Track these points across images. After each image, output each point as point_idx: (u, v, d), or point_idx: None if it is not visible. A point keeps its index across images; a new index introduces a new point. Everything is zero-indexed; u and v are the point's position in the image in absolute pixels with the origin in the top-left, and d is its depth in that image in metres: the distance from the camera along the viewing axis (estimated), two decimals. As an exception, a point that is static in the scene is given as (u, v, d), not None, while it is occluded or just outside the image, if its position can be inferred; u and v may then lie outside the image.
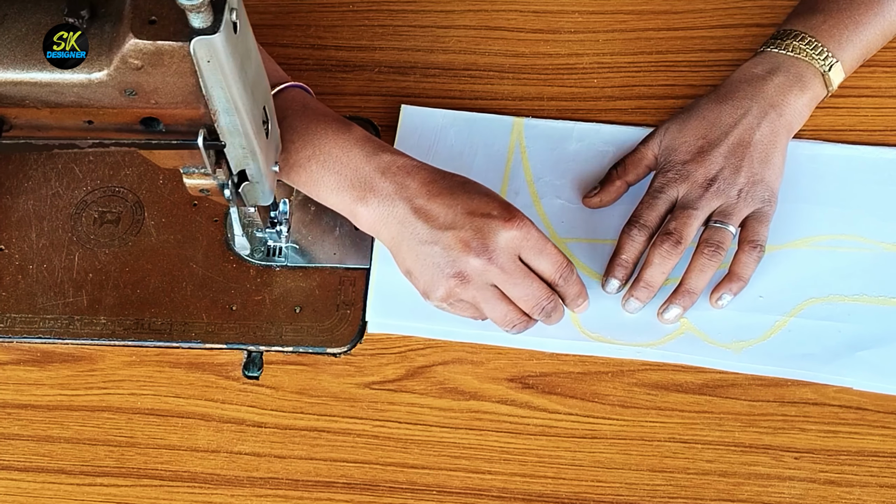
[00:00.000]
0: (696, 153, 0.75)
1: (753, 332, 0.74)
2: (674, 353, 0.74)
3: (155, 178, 0.83)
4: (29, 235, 0.81)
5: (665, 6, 0.88)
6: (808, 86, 0.76)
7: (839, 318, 0.74)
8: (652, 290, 0.73)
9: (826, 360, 0.72)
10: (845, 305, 0.74)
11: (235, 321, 0.77)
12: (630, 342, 0.74)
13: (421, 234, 0.68)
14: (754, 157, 0.74)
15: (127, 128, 0.59)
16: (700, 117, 0.76)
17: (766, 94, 0.76)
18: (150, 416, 0.74)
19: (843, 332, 0.73)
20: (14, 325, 0.77)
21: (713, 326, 0.74)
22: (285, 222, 0.78)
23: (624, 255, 0.74)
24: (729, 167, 0.74)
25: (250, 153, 0.63)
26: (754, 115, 0.75)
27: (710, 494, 0.70)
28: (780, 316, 0.74)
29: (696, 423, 0.72)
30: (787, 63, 0.77)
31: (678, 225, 0.72)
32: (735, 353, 0.73)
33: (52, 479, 0.73)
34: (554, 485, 0.71)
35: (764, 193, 0.74)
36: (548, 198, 0.80)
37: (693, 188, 0.73)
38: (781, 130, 0.75)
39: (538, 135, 0.82)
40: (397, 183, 0.69)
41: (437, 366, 0.75)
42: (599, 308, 0.75)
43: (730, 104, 0.76)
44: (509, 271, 0.67)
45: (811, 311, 0.74)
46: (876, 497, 0.69)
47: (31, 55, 0.55)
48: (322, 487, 0.71)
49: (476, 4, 0.89)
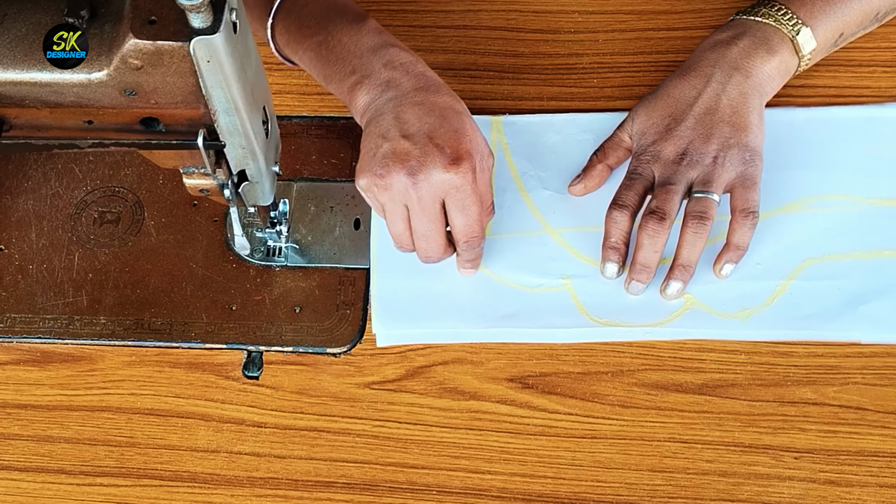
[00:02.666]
0: (665, 131, 0.75)
1: (756, 298, 0.74)
2: (683, 329, 0.74)
3: (155, 178, 0.83)
4: (29, 235, 0.81)
5: (665, 6, 0.88)
6: (776, 50, 0.76)
7: (837, 275, 0.75)
8: (649, 271, 0.74)
9: (830, 318, 0.73)
10: (841, 263, 0.75)
11: (235, 321, 0.77)
12: (639, 323, 0.75)
13: (384, 127, 0.69)
14: (723, 120, 0.74)
15: (127, 128, 0.59)
16: (665, 96, 0.76)
17: (728, 59, 0.75)
18: (149, 416, 0.74)
19: (843, 289, 0.74)
20: (14, 325, 0.77)
21: (717, 298, 0.75)
22: (285, 222, 0.78)
23: (612, 238, 0.75)
24: (698, 137, 0.74)
25: (250, 153, 0.63)
26: (717, 81, 0.75)
27: (709, 494, 0.70)
28: (779, 280, 0.75)
29: (695, 423, 0.72)
30: (753, 28, 0.77)
31: (659, 202, 0.73)
32: (742, 322, 0.74)
33: (52, 479, 0.73)
34: (554, 485, 0.71)
35: (743, 154, 0.73)
36: (535, 191, 0.80)
37: (667, 166, 0.74)
38: (750, 91, 0.75)
39: (518, 131, 0.83)
40: (394, 77, 0.70)
41: (436, 366, 0.75)
42: (604, 293, 0.76)
43: (692, 76, 0.76)
44: (424, 207, 0.69)
45: (809, 273, 0.75)
46: (876, 497, 0.69)
47: (31, 55, 0.55)
48: (322, 487, 0.71)
49: (476, 4, 0.89)
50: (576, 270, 0.77)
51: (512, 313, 0.75)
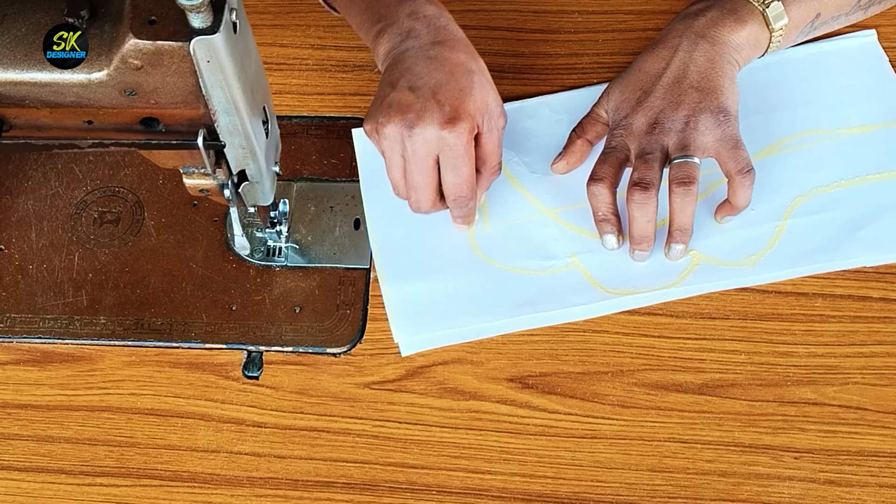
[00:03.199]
0: (636, 104, 0.75)
1: (759, 243, 0.76)
2: (696, 285, 0.75)
3: (155, 178, 0.83)
4: (29, 235, 0.81)
5: (665, 6, 0.88)
6: (745, 21, 0.76)
7: (829, 207, 0.77)
8: (648, 239, 0.74)
9: (832, 249, 0.75)
10: (829, 194, 0.77)
11: (235, 321, 0.77)
12: (653, 287, 0.75)
13: (395, 76, 0.70)
14: (692, 86, 0.74)
15: (127, 128, 0.59)
16: (636, 70, 0.77)
17: (695, 28, 0.76)
18: (149, 416, 0.74)
19: (837, 218, 0.76)
20: (14, 325, 0.77)
21: (722, 249, 0.76)
22: (285, 222, 0.78)
23: (599, 212, 0.75)
24: (668, 106, 0.74)
25: (250, 153, 0.63)
26: (684, 50, 0.75)
27: (709, 494, 0.70)
28: (776, 221, 0.77)
29: (695, 423, 0.72)
30: (722, 0, 0.77)
31: (640, 172, 0.73)
32: (751, 269, 0.75)
33: (52, 479, 0.73)
34: (554, 485, 0.71)
35: (716, 116, 0.73)
36: (523, 176, 0.81)
37: (640, 137, 0.74)
38: (719, 58, 0.75)
39: None
40: (414, 28, 0.72)
41: (436, 366, 0.75)
42: (612, 264, 0.76)
43: (660, 48, 0.77)
44: (417, 160, 0.70)
45: (802, 209, 0.77)
46: (876, 497, 0.69)
47: (31, 55, 0.55)
48: (322, 487, 0.71)
49: (476, 4, 0.89)
50: (581, 246, 0.77)
51: (528, 300, 0.76)
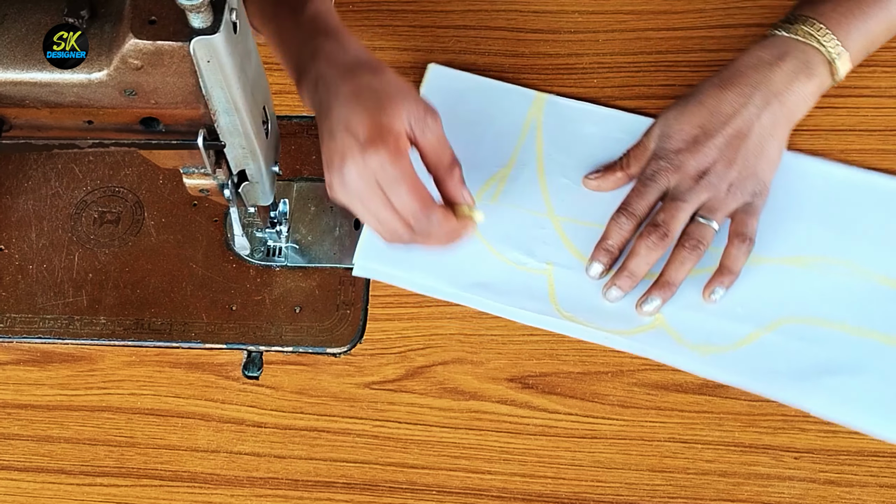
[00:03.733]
0: (692, 142, 0.74)
1: (725, 339, 0.73)
2: (641, 345, 0.73)
3: (155, 178, 0.83)
4: (29, 235, 0.81)
5: (665, 6, 0.88)
6: (815, 73, 0.74)
7: (814, 341, 0.72)
8: (634, 280, 0.74)
9: (791, 380, 0.71)
10: (823, 330, 0.72)
11: (235, 321, 0.77)
12: (601, 327, 0.74)
13: (322, 131, 0.67)
14: (749, 149, 0.73)
15: (127, 128, 0.59)
16: (699, 103, 0.75)
17: (771, 82, 0.74)
18: (150, 416, 0.74)
19: (816, 356, 0.72)
20: (14, 325, 0.77)
21: (686, 326, 0.73)
22: (285, 222, 0.78)
23: (610, 240, 0.75)
24: (723, 160, 0.73)
25: (250, 153, 0.63)
26: (756, 105, 0.74)
27: (709, 494, 0.70)
28: (755, 328, 0.73)
29: (696, 423, 0.72)
30: (796, 49, 0.75)
31: (666, 217, 0.73)
32: (701, 356, 0.72)
33: (52, 479, 0.73)
34: (554, 485, 0.71)
35: (755, 187, 0.73)
36: (553, 175, 0.80)
37: (684, 179, 0.74)
38: (782, 120, 0.74)
39: (557, 112, 0.82)
40: (321, 73, 0.68)
41: (436, 366, 0.75)
42: (578, 289, 0.75)
43: (732, 91, 0.74)
44: (364, 197, 0.66)
45: (787, 329, 0.73)
46: (876, 497, 0.69)
47: (31, 55, 0.55)
48: (322, 487, 0.71)
49: (476, 4, 0.89)
50: (561, 259, 0.77)
51: (485, 283, 0.76)
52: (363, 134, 0.65)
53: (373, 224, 0.69)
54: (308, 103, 0.70)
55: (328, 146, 0.66)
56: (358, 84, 0.67)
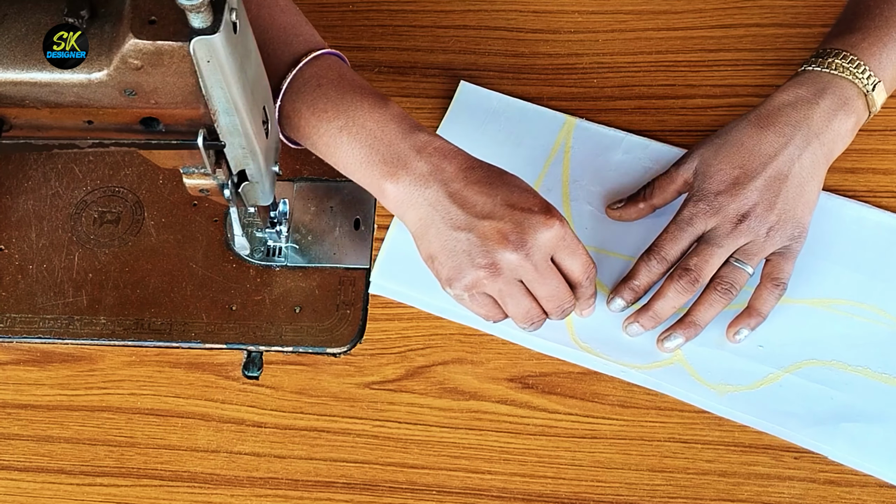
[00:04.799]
0: (731, 184, 0.71)
1: (743, 378, 0.72)
2: (658, 380, 0.73)
3: (155, 178, 0.83)
4: (29, 235, 0.81)
5: (665, 6, 0.88)
6: (853, 109, 0.73)
7: (835, 385, 0.72)
8: (658, 321, 0.73)
9: (808, 424, 0.71)
10: (845, 374, 0.72)
11: (235, 321, 0.77)
12: (618, 360, 0.73)
13: (455, 220, 0.65)
14: (790, 192, 0.71)
15: (127, 128, 0.59)
16: (738, 144, 0.73)
17: (811, 121, 0.72)
18: (150, 416, 0.74)
19: (835, 399, 0.71)
20: (14, 325, 0.77)
21: (704, 365, 0.73)
22: (285, 222, 0.78)
23: (637, 280, 0.73)
24: (763, 203, 0.71)
25: (250, 153, 0.63)
26: (796, 146, 0.71)
27: (709, 494, 0.70)
28: (774, 369, 0.73)
29: (696, 423, 0.72)
30: (832, 84, 0.73)
31: (699, 262, 0.71)
32: (718, 396, 0.72)
33: (52, 479, 0.73)
34: (554, 485, 0.71)
35: (794, 231, 0.71)
36: (578, 202, 0.79)
37: (723, 223, 0.71)
38: (821, 160, 0.72)
39: (586, 137, 0.82)
40: (433, 164, 0.66)
41: (436, 366, 0.75)
42: (598, 320, 0.74)
43: (771, 131, 0.72)
44: (542, 270, 0.66)
45: (808, 372, 0.72)
46: (875, 497, 0.69)
47: (31, 55, 0.55)
48: (322, 487, 0.71)
49: (476, 4, 0.89)
50: None
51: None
52: (538, 208, 0.65)
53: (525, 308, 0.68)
54: (403, 195, 0.67)
55: (483, 229, 0.65)
56: (491, 172, 0.67)
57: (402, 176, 0.66)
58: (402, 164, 0.67)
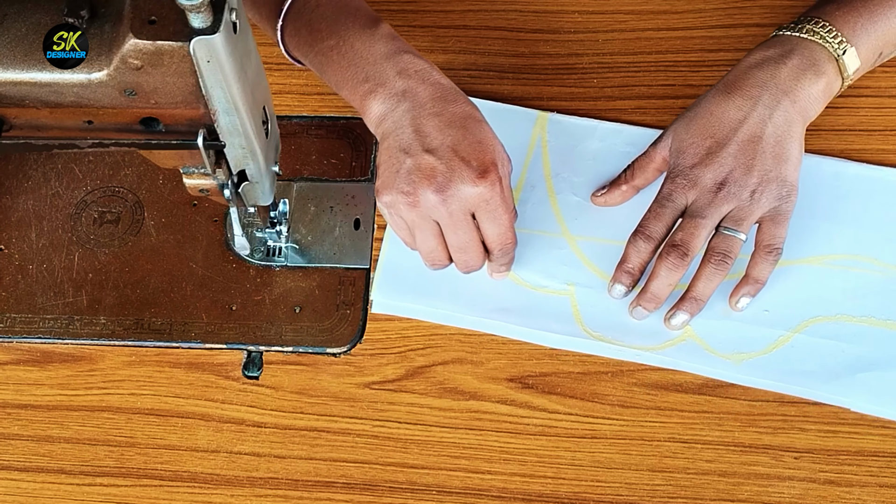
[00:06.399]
0: (705, 155, 0.72)
1: (755, 344, 0.73)
2: (673, 359, 0.73)
3: (155, 178, 0.83)
4: (29, 235, 0.81)
5: (665, 6, 0.88)
6: (823, 71, 0.72)
7: (844, 338, 0.73)
8: (659, 301, 0.73)
9: (826, 380, 0.72)
10: (852, 326, 0.73)
11: (235, 321, 0.77)
12: (631, 344, 0.74)
13: (405, 142, 0.68)
14: (767, 151, 0.71)
15: (127, 128, 0.59)
16: (708, 114, 0.73)
17: (778, 80, 0.72)
18: (149, 416, 0.74)
19: (847, 352, 0.72)
20: (14, 325, 0.77)
21: (715, 336, 0.74)
22: (285, 222, 0.78)
23: (629, 263, 0.74)
24: (739, 167, 0.71)
25: (250, 153, 0.63)
26: (765, 105, 0.71)
27: (709, 494, 0.70)
28: (784, 331, 0.73)
29: (695, 423, 0.72)
30: (800, 46, 0.73)
31: (685, 236, 0.71)
32: (734, 365, 0.73)
33: (52, 479, 0.73)
34: (554, 485, 0.71)
35: (780, 190, 0.71)
36: (564, 194, 0.80)
37: (703, 194, 0.71)
38: (796, 118, 0.72)
39: (561, 130, 0.82)
40: (409, 86, 0.69)
41: (436, 366, 0.75)
42: (604, 307, 0.75)
43: (738, 95, 0.72)
44: (456, 220, 0.68)
45: (816, 329, 0.73)
46: (876, 497, 0.69)
47: (31, 55, 0.55)
48: (322, 487, 0.71)
49: (476, 4, 0.89)
50: (582, 279, 0.76)
51: (508, 308, 0.76)
52: (476, 163, 0.67)
53: (433, 247, 0.71)
54: (377, 112, 0.70)
55: (422, 161, 0.67)
56: (461, 112, 0.69)
57: (379, 93, 0.69)
58: (381, 82, 0.69)
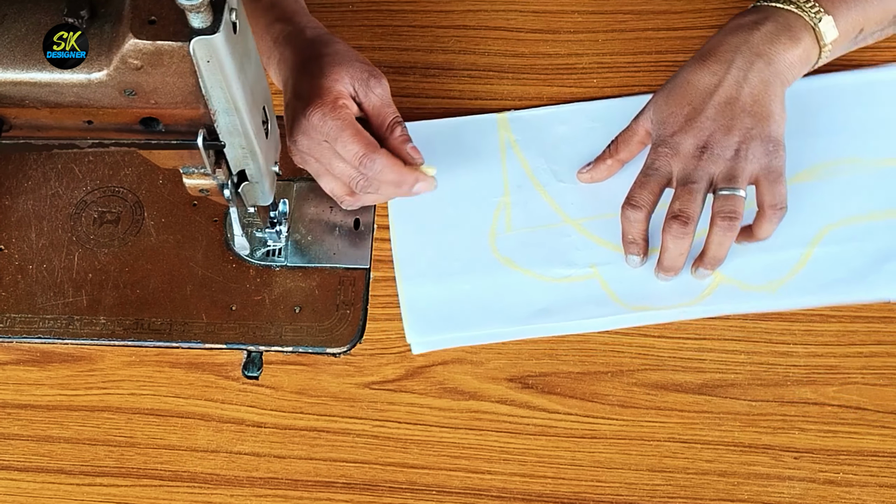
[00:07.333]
0: (684, 122, 0.73)
1: (782, 268, 0.75)
2: (715, 305, 0.75)
3: (155, 178, 0.83)
4: (29, 235, 0.81)
5: (665, 6, 0.88)
6: (799, 38, 0.73)
7: (858, 238, 0.76)
8: (677, 269, 0.74)
9: (857, 280, 0.74)
10: (859, 225, 0.76)
11: (235, 321, 0.77)
12: (671, 305, 0.75)
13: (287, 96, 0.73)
14: (745, 111, 0.71)
15: (127, 128, 0.59)
16: (685, 83, 0.74)
17: (751, 44, 0.73)
18: (149, 416, 0.74)
19: (865, 250, 0.75)
20: (14, 325, 0.77)
21: (744, 272, 0.76)
22: (285, 222, 0.78)
23: (629, 235, 0.75)
24: (719, 129, 0.71)
25: (250, 153, 0.63)
26: (739, 68, 0.72)
27: (709, 494, 0.70)
28: (802, 248, 0.76)
29: (695, 423, 0.72)
30: (775, 14, 0.74)
31: (682, 204, 0.71)
32: (771, 293, 0.75)
33: (52, 479, 0.73)
34: (553, 485, 0.71)
35: (766, 146, 0.71)
36: (550, 184, 0.80)
37: (686, 161, 0.72)
38: (772, 79, 0.72)
39: (524, 126, 0.83)
40: (280, 52, 0.75)
41: (436, 366, 0.75)
42: (632, 279, 0.76)
43: (712, 61, 0.73)
44: (316, 154, 0.72)
45: (830, 238, 0.76)
46: (875, 497, 0.69)
47: (31, 55, 0.55)
48: (322, 487, 0.71)
49: (476, 4, 0.89)
50: (601, 258, 0.77)
51: (544, 308, 0.76)
52: (306, 98, 0.71)
53: (330, 182, 0.74)
54: (277, 83, 0.76)
55: (285, 116, 0.73)
56: (308, 56, 0.73)
57: (269, 68, 0.77)
58: (268, 58, 0.76)
